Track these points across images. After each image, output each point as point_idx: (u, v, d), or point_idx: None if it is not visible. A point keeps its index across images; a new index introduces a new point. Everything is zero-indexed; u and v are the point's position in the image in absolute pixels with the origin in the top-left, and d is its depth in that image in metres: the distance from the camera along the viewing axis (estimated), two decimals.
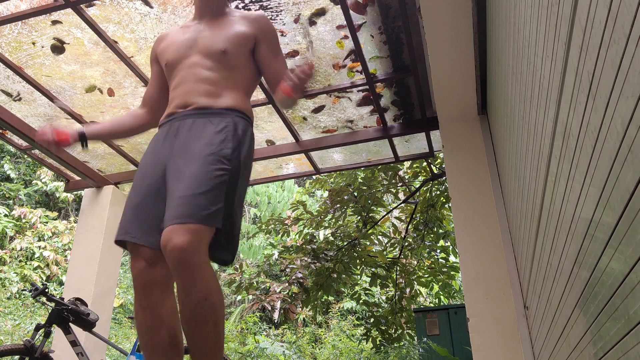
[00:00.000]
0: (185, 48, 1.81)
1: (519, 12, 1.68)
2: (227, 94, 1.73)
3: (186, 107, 1.71)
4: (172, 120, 1.72)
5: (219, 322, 1.49)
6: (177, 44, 1.84)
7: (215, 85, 1.73)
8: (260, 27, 1.85)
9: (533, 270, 2.31)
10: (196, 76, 1.75)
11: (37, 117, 3.84)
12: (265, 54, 1.85)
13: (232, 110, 1.71)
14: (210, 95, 1.71)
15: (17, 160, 11.38)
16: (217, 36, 1.81)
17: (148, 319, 1.53)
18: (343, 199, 5.74)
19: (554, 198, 1.60)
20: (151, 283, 1.54)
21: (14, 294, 8.99)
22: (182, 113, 1.71)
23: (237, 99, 1.75)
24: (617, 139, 0.92)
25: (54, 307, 3.04)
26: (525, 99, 1.80)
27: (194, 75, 1.75)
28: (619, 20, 0.82)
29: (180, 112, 1.71)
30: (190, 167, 1.53)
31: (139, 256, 1.56)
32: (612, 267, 1.09)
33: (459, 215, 3.22)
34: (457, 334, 5.67)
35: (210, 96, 1.71)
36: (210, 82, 1.73)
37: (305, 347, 9.61)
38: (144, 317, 1.54)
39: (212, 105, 1.70)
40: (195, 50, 1.80)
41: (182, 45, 1.83)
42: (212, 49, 1.78)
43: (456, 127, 3.43)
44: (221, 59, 1.77)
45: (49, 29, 3.07)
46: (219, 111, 1.69)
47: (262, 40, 1.85)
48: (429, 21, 2.61)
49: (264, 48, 1.85)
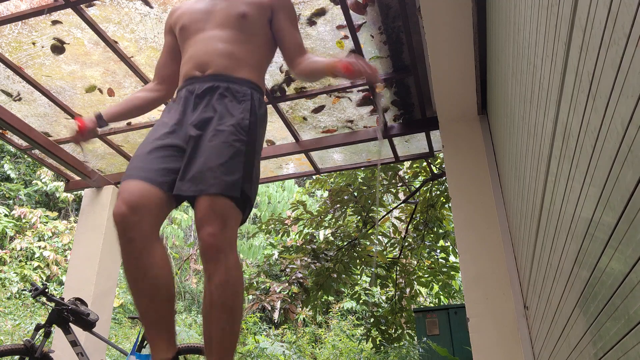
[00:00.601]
0: (202, 15, 1.80)
1: (519, 12, 1.68)
2: (245, 65, 1.72)
3: (204, 70, 1.70)
4: (190, 85, 1.70)
5: (236, 309, 1.48)
6: (193, 11, 1.83)
7: (234, 52, 1.72)
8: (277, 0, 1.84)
9: (533, 270, 2.31)
10: (215, 40, 1.73)
11: (37, 117, 3.84)
12: (284, 24, 1.83)
13: (250, 82, 1.71)
14: (229, 62, 1.70)
15: (17, 160, 11.38)
16: (235, 2, 1.79)
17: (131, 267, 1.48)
18: (343, 199, 5.74)
19: (554, 198, 1.60)
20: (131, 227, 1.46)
21: (14, 294, 8.99)
22: (201, 77, 1.69)
23: (254, 72, 1.74)
24: (617, 139, 0.92)
25: (54, 307, 3.04)
26: (525, 99, 1.80)
27: (213, 38, 1.73)
28: (619, 20, 0.82)
29: (199, 77, 1.70)
30: (215, 139, 1.55)
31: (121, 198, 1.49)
32: (612, 267, 1.09)
33: (459, 215, 3.22)
34: (457, 334, 5.67)
35: (229, 63, 1.70)
36: (228, 48, 1.72)
37: (305, 347, 9.61)
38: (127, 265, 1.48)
39: (230, 73, 1.69)
40: (213, 21, 1.77)
41: (198, 13, 1.81)
42: (230, 14, 1.76)
43: (456, 127, 3.43)
44: (240, 25, 1.75)
45: (49, 29, 3.07)
46: (237, 81, 1.68)
47: (281, 10, 1.83)
48: (429, 21, 2.61)
49: (283, 18, 1.83)
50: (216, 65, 1.69)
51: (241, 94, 1.66)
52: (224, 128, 1.57)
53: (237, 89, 1.66)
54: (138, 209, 1.47)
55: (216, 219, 1.46)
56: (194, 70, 1.71)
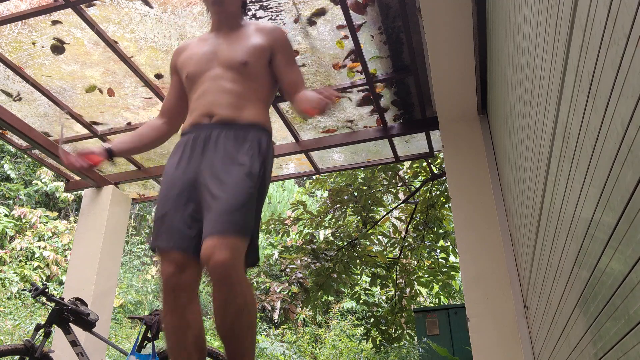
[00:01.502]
0: (205, 60, 1.87)
1: (519, 12, 1.68)
2: (249, 107, 1.80)
3: (211, 117, 1.77)
4: (198, 130, 1.77)
5: (254, 331, 1.60)
6: (198, 57, 1.90)
7: (238, 98, 1.79)
8: (276, 39, 1.92)
9: (533, 270, 2.31)
10: (219, 87, 1.80)
11: (37, 117, 3.84)
12: (282, 64, 1.91)
13: (256, 125, 1.78)
14: (234, 108, 1.77)
15: (17, 160, 11.38)
16: (236, 48, 1.87)
17: (175, 322, 1.61)
18: (343, 199, 5.74)
19: (554, 198, 1.60)
20: (179, 287, 1.61)
21: (14, 294, 8.99)
22: (208, 124, 1.76)
23: (258, 113, 1.82)
24: (617, 139, 0.92)
25: (54, 307, 3.04)
26: (525, 99, 1.80)
27: (217, 86, 1.80)
28: (619, 20, 0.82)
29: (206, 123, 1.77)
30: (225, 184, 1.62)
31: (169, 261, 1.63)
32: (612, 267, 1.09)
33: (459, 215, 3.22)
34: (457, 334, 5.67)
35: (234, 109, 1.77)
36: (233, 94, 1.79)
37: (305, 347, 9.61)
38: (172, 320, 1.62)
39: (236, 119, 1.76)
40: (216, 63, 1.85)
41: (202, 58, 1.88)
42: (233, 61, 1.83)
43: (456, 127, 3.43)
44: (242, 71, 1.82)
45: (49, 29, 3.07)
46: (244, 126, 1.76)
47: (278, 51, 1.91)
48: (429, 21, 2.61)
49: (280, 59, 1.91)
50: (222, 112, 1.77)
51: (249, 140, 1.73)
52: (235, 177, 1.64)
53: (245, 136, 1.74)
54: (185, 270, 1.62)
55: (225, 249, 1.52)
56: (202, 118, 1.78)
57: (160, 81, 3.49)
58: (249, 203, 1.61)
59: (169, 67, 2.15)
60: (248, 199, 1.61)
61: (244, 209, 1.59)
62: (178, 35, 3.12)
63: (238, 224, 1.56)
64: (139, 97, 3.64)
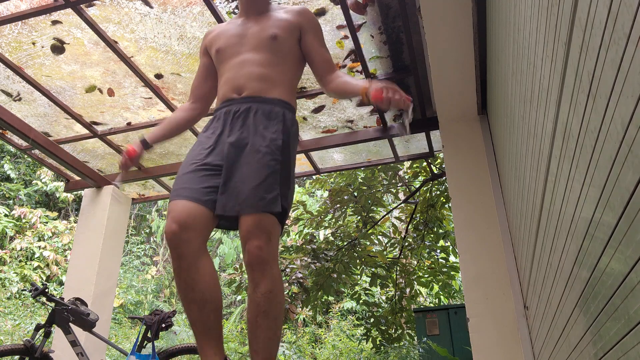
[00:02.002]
0: (236, 39, 1.91)
1: (519, 13, 1.68)
2: (277, 86, 1.84)
3: (240, 92, 1.82)
4: (228, 106, 1.82)
5: (280, 317, 1.63)
6: (228, 35, 1.94)
7: (266, 76, 1.83)
8: (306, 18, 1.95)
9: (533, 270, 2.31)
10: (249, 65, 1.84)
11: (37, 117, 3.84)
12: (313, 42, 1.93)
13: (282, 102, 1.82)
14: (262, 85, 1.81)
15: (17, 160, 11.38)
16: (265, 26, 1.90)
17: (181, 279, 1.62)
18: (343, 199, 5.74)
19: (554, 198, 1.60)
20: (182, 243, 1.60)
21: (14, 294, 8.99)
22: (237, 99, 1.81)
23: (285, 91, 1.85)
24: (617, 139, 0.92)
25: (54, 307, 3.05)
26: (525, 99, 1.80)
27: (247, 64, 1.84)
28: (619, 20, 0.82)
29: (235, 98, 1.81)
30: (251, 158, 1.68)
31: (171, 217, 1.64)
32: (612, 267, 1.09)
33: (459, 215, 3.22)
34: (457, 334, 5.67)
35: (262, 85, 1.81)
36: (262, 70, 1.83)
37: (305, 347, 9.61)
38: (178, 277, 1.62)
39: (264, 95, 1.80)
40: (246, 44, 1.89)
41: (232, 37, 1.92)
42: (262, 37, 1.87)
43: (456, 127, 3.43)
44: (271, 46, 1.86)
45: (49, 29, 3.07)
46: (271, 101, 1.80)
47: (309, 30, 1.94)
48: (429, 21, 2.61)
49: (311, 37, 1.93)
50: (251, 87, 1.81)
51: (274, 114, 1.77)
52: (260, 148, 1.69)
53: (271, 110, 1.78)
54: (187, 226, 1.61)
55: (261, 234, 1.60)
56: (231, 93, 1.83)
57: (160, 81, 3.49)
58: (272, 177, 1.66)
59: (168, 67, 2.17)
60: (272, 173, 1.66)
61: (269, 184, 1.64)
62: (178, 35, 3.12)
63: (267, 200, 1.62)
64: (139, 97, 3.64)
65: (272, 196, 1.64)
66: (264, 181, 1.64)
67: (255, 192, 1.62)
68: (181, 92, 3.61)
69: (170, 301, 11.52)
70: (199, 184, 1.68)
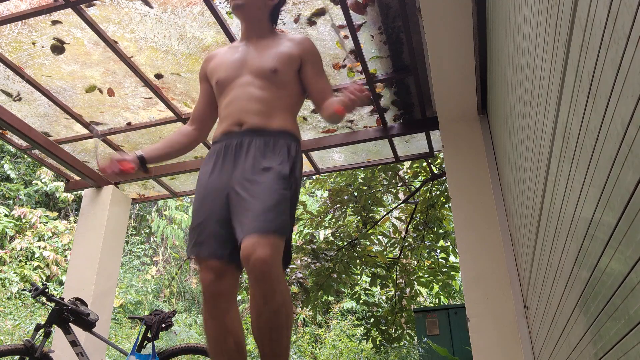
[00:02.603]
0: (235, 67, 1.91)
1: (519, 12, 1.68)
2: (278, 115, 1.84)
3: (241, 125, 1.81)
4: (229, 139, 1.81)
5: (290, 329, 1.64)
6: (228, 64, 1.93)
7: (267, 105, 1.83)
8: (305, 49, 1.95)
9: (533, 270, 2.31)
10: (248, 95, 1.84)
11: (37, 117, 3.84)
12: (311, 74, 1.94)
13: (284, 132, 1.82)
14: (263, 116, 1.81)
15: (17, 160, 11.38)
16: (266, 56, 1.90)
17: (216, 328, 1.67)
18: (343, 199, 5.73)
19: (554, 198, 1.60)
20: (219, 294, 1.67)
21: (14, 294, 8.98)
22: (238, 132, 1.80)
23: (287, 121, 1.86)
24: (617, 139, 0.92)
25: (54, 307, 3.05)
26: (525, 99, 1.80)
27: (247, 94, 1.84)
28: (619, 20, 0.82)
29: (236, 131, 1.81)
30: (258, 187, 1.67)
31: (208, 269, 1.68)
32: (612, 267, 1.09)
33: (459, 215, 3.22)
34: (457, 334, 5.67)
35: (263, 116, 1.81)
36: (262, 101, 1.83)
37: (305, 347, 9.61)
38: (213, 326, 1.67)
39: (266, 126, 1.80)
40: (246, 70, 1.89)
41: (232, 65, 1.92)
42: (262, 69, 1.87)
43: (456, 127, 3.43)
44: (271, 78, 1.86)
45: (49, 29, 3.07)
46: (274, 133, 1.80)
47: (308, 60, 1.95)
48: (429, 21, 2.61)
49: (310, 68, 1.95)
50: (252, 120, 1.80)
51: (279, 146, 1.77)
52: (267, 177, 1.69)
53: (275, 142, 1.78)
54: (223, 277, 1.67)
55: (266, 247, 1.56)
56: (232, 126, 1.82)
57: (160, 81, 3.49)
58: (282, 203, 1.66)
59: (168, 67, 2.17)
60: (282, 199, 1.66)
61: (278, 209, 1.63)
62: (178, 35, 3.12)
63: (275, 223, 1.60)
64: (139, 97, 3.64)
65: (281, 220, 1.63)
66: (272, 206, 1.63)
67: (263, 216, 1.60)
68: (181, 92, 3.61)
69: (170, 301, 11.52)
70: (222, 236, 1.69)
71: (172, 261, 12.48)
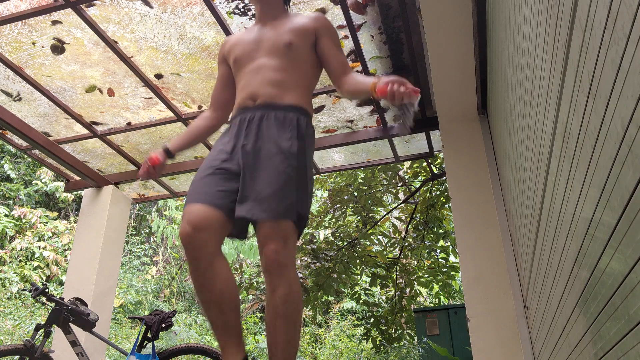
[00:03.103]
0: (251, 46, 1.94)
1: (519, 12, 1.68)
2: (292, 90, 1.85)
3: (255, 99, 1.84)
4: (244, 113, 1.84)
5: (298, 320, 1.65)
6: (244, 43, 1.97)
7: (282, 80, 1.85)
8: (321, 23, 1.96)
9: (533, 270, 2.31)
10: (264, 70, 1.86)
11: (37, 117, 3.84)
12: (329, 46, 1.94)
13: (296, 107, 1.83)
14: (277, 91, 1.83)
15: (17, 160, 11.38)
16: (281, 31, 1.92)
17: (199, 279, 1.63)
18: (343, 199, 5.73)
19: (554, 198, 1.60)
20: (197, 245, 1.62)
21: (14, 294, 8.98)
22: (252, 106, 1.83)
23: (300, 97, 1.87)
24: (617, 139, 0.92)
25: (54, 307, 3.05)
26: (525, 99, 1.80)
27: (262, 69, 1.87)
28: (619, 20, 0.82)
29: (250, 106, 1.84)
30: (266, 166, 1.69)
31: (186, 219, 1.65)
32: (612, 267, 1.09)
33: (458, 215, 3.22)
34: (457, 334, 5.67)
35: (278, 91, 1.83)
36: (276, 76, 1.85)
37: (305, 347, 9.61)
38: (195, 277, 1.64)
39: (279, 101, 1.82)
40: (262, 49, 1.91)
41: (248, 44, 1.95)
42: (277, 44, 1.89)
43: (456, 127, 3.43)
44: (286, 53, 1.87)
45: (49, 29, 3.07)
46: (286, 107, 1.81)
47: (324, 34, 1.95)
48: (429, 21, 2.61)
49: (326, 41, 1.95)
50: (265, 94, 1.83)
51: (288, 120, 1.78)
52: (275, 155, 1.71)
53: (285, 116, 1.79)
54: (202, 229, 1.63)
55: (278, 238, 1.61)
56: (247, 100, 1.85)
57: (160, 81, 3.49)
58: (289, 183, 1.67)
59: (168, 67, 2.17)
60: (288, 179, 1.67)
61: (285, 190, 1.66)
62: (178, 35, 3.12)
63: (283, 207, 1.64)
64: (139, 97, 3.64)
65: (288, 203, 1.65)
66: (280, 188, 1.65)
67: (272, 198, 1.64)
68: (181, 92, 3.61)
69: (170, 301, 11.52)
70: (214, 188, 1.70)
71: (172, 261, 12.48)
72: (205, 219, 1.64)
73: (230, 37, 2.10)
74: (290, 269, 1.63)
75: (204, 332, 9.60)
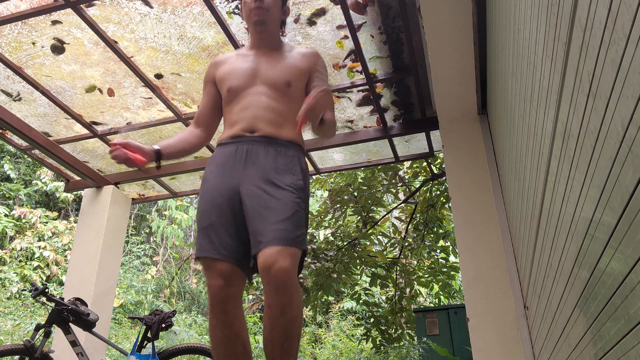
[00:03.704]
0: (248, 76, 1.93)
1: (519, 12, 1.68)
2: (289, 126, 1.87)
3: (253, 132, 1.83)
4: (239, 143, 1.83)
5: (299, 339, 1.67)
6: (240, 71, 1.95)
7: (280, 116, 1.86)
8: (315, 63, 2.00)
9: (533, 270, 2.31)
10: (262, 104, 1.87)
11: (37, 117, 3.84)
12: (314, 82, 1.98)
13: (294, 143, 1.86)
14: (276, 125, 1.85)
15: (17, 160, 11.38)
16: (279, 68, 1.94)
17: (226, 333, 1.68)
18: (343, 199, 5.73)
19: (554, 198, 1.60)
20: (228, 299, 1.67)
21: (14, 294, 8.98)
22: (250, 138, 1.82)
23: (296, 132, 1.87)
24: (617, 139, 0.92)
25: (54, 307, 3.05)
26: (525, 99, 1.80)
27: (260, 102, 1.87)
28: (619, 20, 0.82)
29: (248, 136, 1.83)
30: (275, 197, 1.69)
31: (217, 273, 1.68)
32: (612, 267, 1.09)
33: (459, 215, 3.22)
34: (457, 334, 5.67)
35: (276, 125, 1.85)
36: (275, 111, 1.86)
37: (305, 347, 9.61)
38: (222, 331, 1.68)
39: (277, 136, 1.83)
40: (259, 80, 1.92)
41: (244, 73, 1.94)
42: (276, 81, 1.91)
43: (456, 127, 3.43)
44: (285, 91, 1.90)
45: (49, 29, 3.07)
46: (285, 143, 1.83)
47: (315, 73, 1.99)
48: (429, 21, 2.61)
49: (316, 79, 1.98)
50: (264, 127, 1.83)
51: (291, 156, 1.82)
52: (282, 189, 1.71)
53: (287, 151, 1.82)
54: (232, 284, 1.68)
55: (287, 257, 1.59)
56: (243, 132, 1.84)
57: (160, 81, 3.49)
58: (298, 215, 1.69)
59: (168, 67, 2.15)
60: (298, 211, 1.69)
61: (298, 222, 1.67)
62: (178, 35, 3.12)
63: (295, 234, 1.64)
64: (139, 97, 3.65)
65: (300, 232, 1.67)
66: (291, 219, 1.66)
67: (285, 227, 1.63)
68: (181, 92, 3.61)
69: (170, 301, 11.52)
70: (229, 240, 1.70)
71: (172, 261, 12.48)
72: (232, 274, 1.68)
73: (221, 59, 2.07)
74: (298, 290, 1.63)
75: (204, 332, 9.60)
